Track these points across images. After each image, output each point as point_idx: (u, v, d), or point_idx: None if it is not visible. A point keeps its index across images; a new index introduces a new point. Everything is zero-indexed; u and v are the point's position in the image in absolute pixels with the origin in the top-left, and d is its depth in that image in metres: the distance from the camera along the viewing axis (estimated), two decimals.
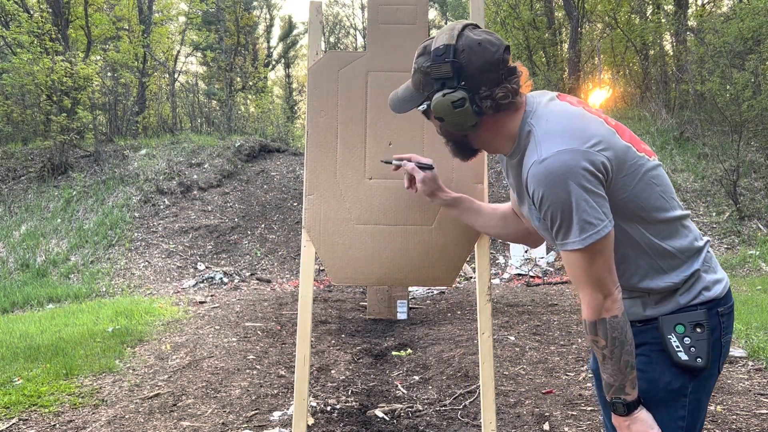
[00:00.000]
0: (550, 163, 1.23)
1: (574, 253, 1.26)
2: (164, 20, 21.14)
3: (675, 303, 1.35)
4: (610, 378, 1.30)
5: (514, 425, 3.17)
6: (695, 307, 1.34)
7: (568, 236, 1.25)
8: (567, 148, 1.23)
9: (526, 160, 1.30)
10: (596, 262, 1.25)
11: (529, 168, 1.26)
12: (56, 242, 10.20)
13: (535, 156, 1.26)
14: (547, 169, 1.23)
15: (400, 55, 2.28)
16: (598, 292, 1.27)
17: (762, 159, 10.54)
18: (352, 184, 2.22)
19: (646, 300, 1.36)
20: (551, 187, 1.23)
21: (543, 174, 1.23)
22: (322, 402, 3.65)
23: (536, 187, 1.25)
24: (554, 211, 1.24)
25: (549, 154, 1.23)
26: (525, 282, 8.47)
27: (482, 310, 2.10)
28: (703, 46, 12.85)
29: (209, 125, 16.71)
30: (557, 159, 1.23)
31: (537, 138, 1.29)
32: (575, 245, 1.25)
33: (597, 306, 1.27)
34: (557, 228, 1.27)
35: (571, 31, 17.21)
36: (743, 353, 4.19)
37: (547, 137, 1.27)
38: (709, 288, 1.36)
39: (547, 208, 1.25)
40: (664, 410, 1.33)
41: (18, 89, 13.78)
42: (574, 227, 1.24)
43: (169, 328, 5.84)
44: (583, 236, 1.23)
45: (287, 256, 10.11)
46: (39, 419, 3.48)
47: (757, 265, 8.07)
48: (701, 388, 1.36)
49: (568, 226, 1.24)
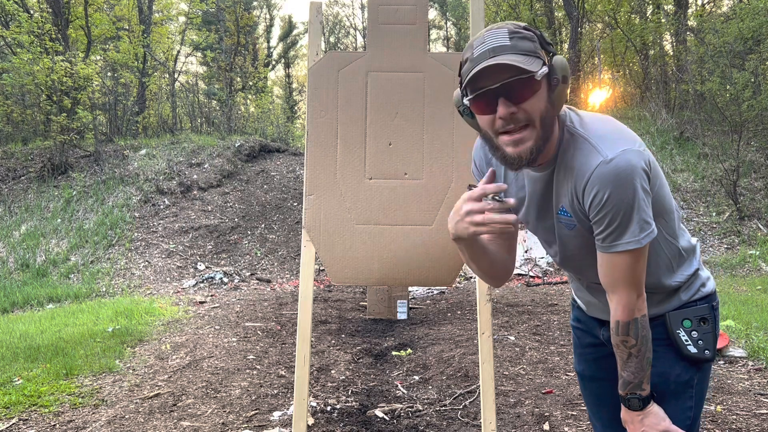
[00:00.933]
0: (618, 163, 1.20)
1: (626, 253, 1.25)
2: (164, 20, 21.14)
3: (677, 300, 1.40)
4: (631, 375, 1.32)
5: (514, 425, 3.17)
6: (695, 303, 1.40)
7: (623, 236, 1.24)
8: (629, 148, 1.22)
9: (581, 163, 1.25)
10: (641, 262, 1.26)
11: (594, 170, 1.22)
12: (56, 242, 10.20)
13: (599, 157, 1.22)
14: (617, 169, 1.20)
15: (400, 55, 2.28)
16: (634, 291, 1.28)
17: (762, 159, 10.54)
18: (352, 184, 2.22)
19: (650, 300, 1.38)
20: (619, 187, 1.20)
21: (613, 174, 1.20)
22: (322, 402, 3.65)
23: (601, 188, 1.22)
24: (616, 212, 1.22)
25: (615, 155, 1.21)
26: (525, 282, 8.47)
27: (482, 310, 2.10)
28: (703, 46, 12.85)
29: (209, 125, 16.71)
30: (624, 159, 1.20)
31: (592, 141, 1.25)
32: (631, 245, 1.24)
33: (632, 306, 1.28)
34: (613, 228, 1.24)
35: (571, 31, 17.21)
36: (743, 353, 4.19)
37: (604, 139, 1.24)
38: (705, 284, 1.43)
39: (610, 209, 1.22)
40: (674, 402, 1.37)
41: (18, 89, 13.78)
42: (633, 226, 1.23)
43: (169, 328, 5.84)
44: (642, 235, 1.23)
45: (287, 256, 10.12)
46: (39, 419, 3.48)
47: (757, 265, 8.07)
48: (704, 378, 1.41)
49: (626, 226, 1.23)
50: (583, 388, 1.65)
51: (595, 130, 1.27)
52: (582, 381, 1.65)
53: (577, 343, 1.65)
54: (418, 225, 2.19)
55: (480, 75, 1.18)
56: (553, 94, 1.22)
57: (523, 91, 1.18)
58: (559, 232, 1.39)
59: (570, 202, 1.31)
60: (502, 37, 1.19)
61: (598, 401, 1.62)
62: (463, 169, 2.25)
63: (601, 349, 1.56)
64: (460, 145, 2.32)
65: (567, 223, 1.35)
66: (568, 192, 1.30)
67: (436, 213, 2.16)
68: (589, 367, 1.61)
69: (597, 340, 1.57)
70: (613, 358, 1.53)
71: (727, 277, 7.83)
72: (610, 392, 1.57)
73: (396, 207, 2.20)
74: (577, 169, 1.26)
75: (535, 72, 1.16)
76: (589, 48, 18.21)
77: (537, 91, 1.19)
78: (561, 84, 1.21)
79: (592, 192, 1.23)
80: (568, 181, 1.29)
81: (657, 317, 1.40)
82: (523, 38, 1.20)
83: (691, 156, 11.24)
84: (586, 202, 1.25)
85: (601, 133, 1.26)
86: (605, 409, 1.60)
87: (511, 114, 1.19)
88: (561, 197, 1.33)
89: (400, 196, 2.20)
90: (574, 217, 1.32)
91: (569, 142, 1.28)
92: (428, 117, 2.29)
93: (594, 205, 1.24)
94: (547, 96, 1.21)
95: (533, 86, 1.18)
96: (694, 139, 11.79)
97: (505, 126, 1.21)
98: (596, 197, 1.23)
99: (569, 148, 1.28)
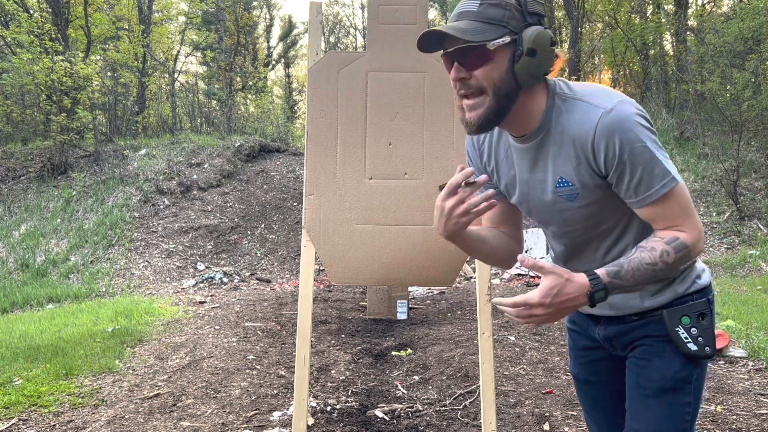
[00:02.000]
0: (619, 111, 1.20)
1: (672, 191, 1.23)
2: (164, 20, 21.14)
3: (673, 292, 1.36)
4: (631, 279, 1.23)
5: (514, 425, 3.17)
6: (692, 296, 1.37)
7: (653, 181, 1.22)
8: (624, 99, 1.23)
9: (580, 123, 1.25)
10: (686, 195, 1.25)
11: (597, 123, 1.21)
12: (56, 242, 10.20)
13: (599, 110, 1.22)
14: (620, 115, 1.20)
15: (400, 55, 2.28)
16: (698, 223, 1.26)
17: (762, 159, 10.55)
18: (352, 184, 2.22)
19: (644, 292, 1.36)
20: (628, 131, 1.20)
21: (617, 121, 1.20)
22: (322, 402, 3.65)
23: (610, 138, 1.20)
24: (634, 157, 1.20)
25: (613, 105, 1.21)
26: (525, 282, 8.47)
27: (482, 310, 2.10)
28: (703, 46, 12.85)
29: (209, 125, 16.72)
30: (623, 107, 1.21)
31: (586, 99, 1.26)
32: (672, 182, 1.22)
33: (698, 237, 1.25)
34: (640, 175, 1.22)
35: (571, 30, 17.21)
36: (743, 353, 4.18)
37: (597, 96, 1.25)
38: (700, 276, 1.39)
39: (627, 156, 1.20)
40: (673, 399, 1.36)
41: (18, 89, 13.78)
42: (658, 167, 1.21)
43: (168, 328, 5.84)
44: (673, 173, 1.22)
45: (287, 256, 10.12)
46: (39, 419, 3.48)
47: (757, 265, 8.07)
48: (702, 373, 1.40)
49: (652, 169, 1.21)
50: (578, 390, 1.65)
51: (585, 91, 1.28)
52: (577, 383, 1.64)
53: (571, 346, 1.63)
54: (418, 225, 2.18)
55: (433, 37, 1.22)
56: (516, 65, 1.22)
57: (475, 59, 1.21)
58: (558, 207, 1.35)
59: (575, 167, 1.28)
60: (473, 2, 1.23)
61: (593, 404, 1.61)
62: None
63: (596, 352, 1.55)
64: (460, 145, 2.32)
65: (568, 195, 1.31)
66: (571, 158, 1.28)
67: None
68: (583, 370, 1.60)
69: (592, 343, 1.55)
70: (608, 361, 1.53)
71: (727, 277, 7.82)
72: (605, 395, 1.56)
73: (396, 207, 2.20)
74: (576, 131, 1.25)
75: (486, 42, 1.19)
76: (589, 48, 18.20)
77: (490, 60, 1.21)
78: (526, 56, 1.21)
79: (602, 145, 1.22)
80: (568, 147, 1.27)
81: (650, 312, 1.37)
82: (493, 5, 1.22)
83: (692, 156, 11.24)
84: (600, 159, 1.24)
85: (593, 91, 1.27)
86: (600, 412, 1.59)
87: (461, 79, 1.23)
88: (559, 167, 1.30)
89: (400, 196, 2.20)
90: (578, 184, 1.29)
91: (561, 108, 1.28)
92: (428, 117, 2.28)
93: (610, 159, 1.22)
94: (507, 66, 1.23)
95: (486, 55, 1.21)
96: (694, 139, 11.79)
97: (460, 89, 1.25)
98: (609, 149, 1.21)
99: (562, 113, 1.28)
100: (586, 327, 1.55)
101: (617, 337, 1.45)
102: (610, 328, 1.46)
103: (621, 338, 1.44)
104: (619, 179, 1.24)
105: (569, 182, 1.30)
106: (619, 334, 1.44)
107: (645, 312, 1.38)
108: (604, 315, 1.45)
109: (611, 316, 1.44)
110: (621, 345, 1.45)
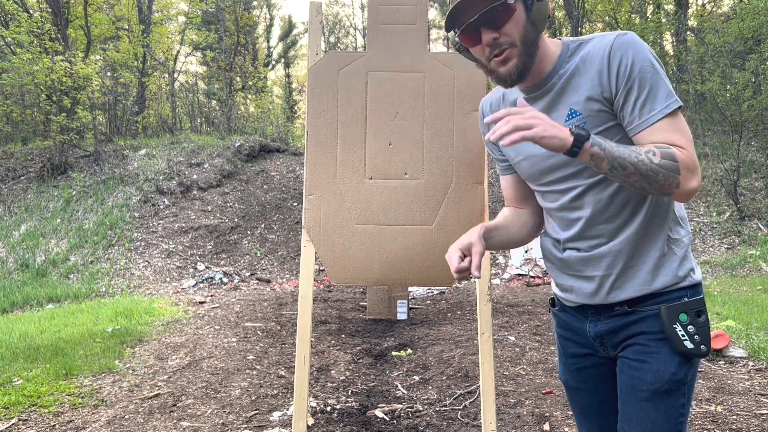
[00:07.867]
0: (633, 36, 1.31)
1: (675, 112, 1.29)
2: (164, 20, 21.14)
3: (668, 274, 1.36)
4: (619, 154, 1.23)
5: (514, 425, 3.16)
6: (686, 291, 1.36)
7: (657, 100, 1.28)
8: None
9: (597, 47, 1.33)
10: (684, 122, 1.31)
11: (613, 42, 1.31)
12: (56, 242, 10.20)
13: (614, 34, 1.33)
14: (634, 38, 1.30)
15: (400, 55, 2.27)
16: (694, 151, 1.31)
17: (762, 159, 10.55)
18: (352, 184, 2.22)
19: (643, 266, 1.37)
20: (641, 51, 1.29)
21: (631, 40, 1.30)
22: (322, 402, 3.65)
23: (624, 53, 1.29)
24: (644, 74, 1.28)
25: (627, 32, 1.32)
26: (525, 282, 8.47)
27: (482, 310, 2.10)
28: (704, 46, 12.85)
29: (209, 125, 16.72)
30: (636, 36, 1.32)
31: (599, 34, 1.37)
32: (675, 103, 1.29)
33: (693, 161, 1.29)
34: (646, 94, 1.28)
35: (571, 31, 17.20)
36: (743, 353, 4.18)
37: (608, 33, 1.35)
38: (694, 270, 1.40)
39: (637, 72, 1.28)
40: (668, 402, 1.35)
41: (18, 89, 13.77)
42: (662, 89, 1.28)
43: (168, 328, 5.83)
44: (675, 96, 1.29)
45: (287, 256, 10.11)
46: (39, 419, 3.48)
47: (757, 265, 8.07)
48: (695, 373, 1.40)
49: (657, 90, 1.28)
50: (569, 397, 1.63)
51: (595, 33, 1.39)
52: (567, 390, 1.62)
53: (561, 353, 1.61)
54: (418, 225, 2.18)
55: (458, 11, 1.30)
56: (531, 13, 1.32)
57: (500, 17, 1.30)
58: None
59: (588, 90, 1.33)
60: None
61: (583, 411, 1.60)
62: (463, 169, 2.24)
63: (586, 359, 1.53)
64: (460, 145, 2.32)
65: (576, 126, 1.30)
66: (583, 84, 1.34)
67: (436, 213, 2.16)
68: (573, 378, 1.58)
69: (581, 350, 1.53)
70: (598, 369, 1.52)
71: (727, 277, 7.82)
72: (595, 403, 1.55)
73: (396, 207, 2.20)
74: (594, 50, 1.34)
75: None
76: None
77: (513, 13, 1.30)
78: (537, 2, 1.31)
79: (616, 59, 1.30)
80: (581, 73, 1.34)
81: (648, 300, 1.36)
82: None
83: None
84: (612, 72, 1.30)
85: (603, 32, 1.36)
86: (591, 419, 1.58)
87: (494, 39, 1.31)
88: (570, 99, 1.36)
89: (400, 196, 2.20)
90: (585, 112, 1.34)
91: (574, 50, 1.37)
92: (428, 117, 2.28)
93: (621, 74, 1.29)
94: (525, 17, 1.32)
95: (509, 11, 1.30)
96: (694, 139, 11.79)
97: (493, 51, 1.33)
98: (622, 62, 1.29)
99: (576, 52, 1.37)
100: (576, 328, 1.51)
101: (609, 335, 1.42)
102: (601, 324, 1.43)
103: (613, 336, 1.42)
104: (626, 98, 1.30)
105: (578, 112, 1.35)
106: (611, 331, 1.42)
107: (642, 298, 1.36)
108: (594, 303, 1.43)
109: (601, 305, 1.41)
110: (612, 344, 1.43)
